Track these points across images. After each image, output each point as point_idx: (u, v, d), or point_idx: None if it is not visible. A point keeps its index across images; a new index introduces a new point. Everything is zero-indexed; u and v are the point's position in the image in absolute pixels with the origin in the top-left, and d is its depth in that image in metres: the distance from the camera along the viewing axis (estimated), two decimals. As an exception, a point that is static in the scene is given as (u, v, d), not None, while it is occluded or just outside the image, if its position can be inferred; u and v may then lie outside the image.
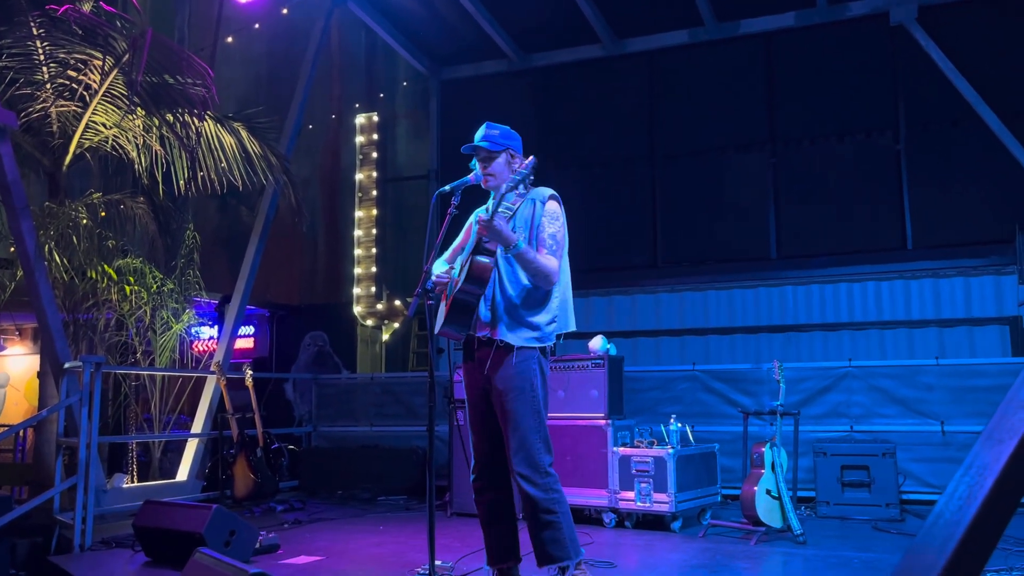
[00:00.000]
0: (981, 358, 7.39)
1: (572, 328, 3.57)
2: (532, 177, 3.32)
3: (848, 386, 6.89)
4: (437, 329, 3.42)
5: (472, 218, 3.68)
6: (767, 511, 5.13)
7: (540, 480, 3.26)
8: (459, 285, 3.32)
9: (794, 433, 6.19)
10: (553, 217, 3.44)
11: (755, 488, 5.14)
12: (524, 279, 3.36)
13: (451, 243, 3.76)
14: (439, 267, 3.59)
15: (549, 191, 3.50)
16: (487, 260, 3.30)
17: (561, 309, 3.50)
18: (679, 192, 9.06)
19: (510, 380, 3.31)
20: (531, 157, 3.30)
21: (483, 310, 3.37)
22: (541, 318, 3.40)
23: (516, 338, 3.33)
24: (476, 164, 3.54)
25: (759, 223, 8.73)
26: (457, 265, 3.53)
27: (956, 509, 0.70)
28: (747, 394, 7.09)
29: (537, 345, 3.37)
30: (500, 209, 3.29)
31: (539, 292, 3.39)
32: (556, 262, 3.37)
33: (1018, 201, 7.69)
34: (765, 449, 5.27)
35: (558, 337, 3.56)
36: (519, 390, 3.31)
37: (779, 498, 5.17)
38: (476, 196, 3.70)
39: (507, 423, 3.32)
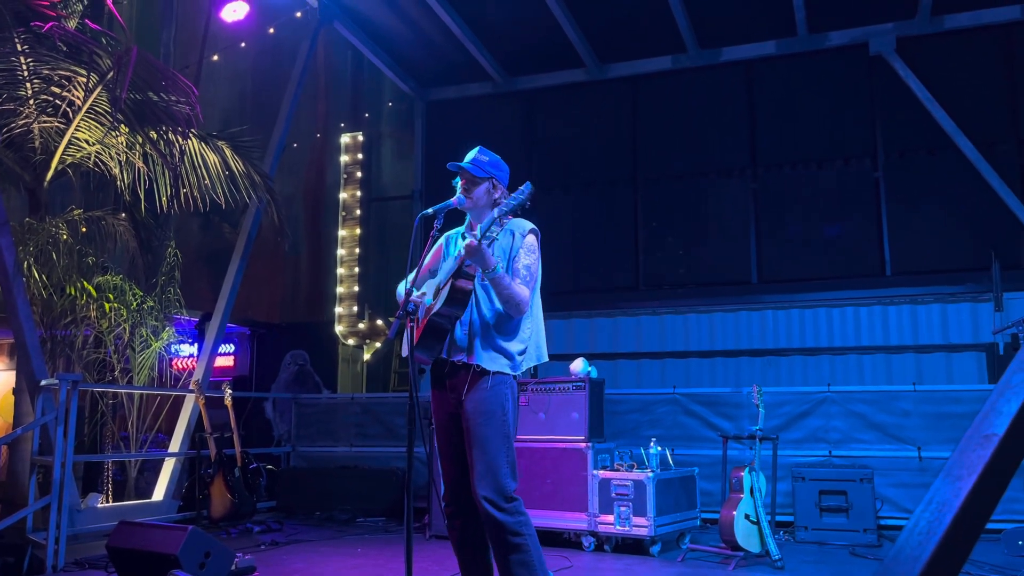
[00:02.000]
0: (958, 384, 7.47)
1: (544, 360, 3.58)
2: (528, 204, 3.32)
3: (827, 411, 6.93)
4: (406, 352, 3.40)
5: (443, 239, 3.69)
6: (746, 536, 5.14)
7: (506, 504, 3.24)
8: (437, 308, 3.32)
9: (773, 458, 6.22)
10: (530, 250, 3.47)
11: (734, 512, 5.16)
12: (498, 303, 3.37)
13: (420, 266, 3.72)
14: (402, 288, 3.59)
15: (529, 225, 3.52)
16: (468, 283, 3.31)
17: (532, 341, 3.51)
18: (661, 215, 9.13)
19: (482, 403, 3.30)
20: (526, 184, 3.30)
21: (459, 333, 3.38)
22: (513, 346, 3.41)
23: (489, 362, 3.34)
24: (458, 184, 3.56)
25: (740, 247, 8.82)
26: (428, 288, 3.53)
27: (916, 544, 0.72)
28: (727, 418, 7.12)
29: (510, 372, 3.39)
30: (487, 235, 3.31)
31: (512, 320, 3.41)
32: (528, 292, 3.39)
33: (994, 229, 7.82)
34: (744, 474, 5.29)
35: (530, 370, 3.56)
36: (490, 414, 3.30)
37: (758, 523, 5.19)
38: (460, 219, 3.71)
39: (475, 446, 3.30)
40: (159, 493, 7.00)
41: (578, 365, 6.16)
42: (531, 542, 3.25)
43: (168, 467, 7.10)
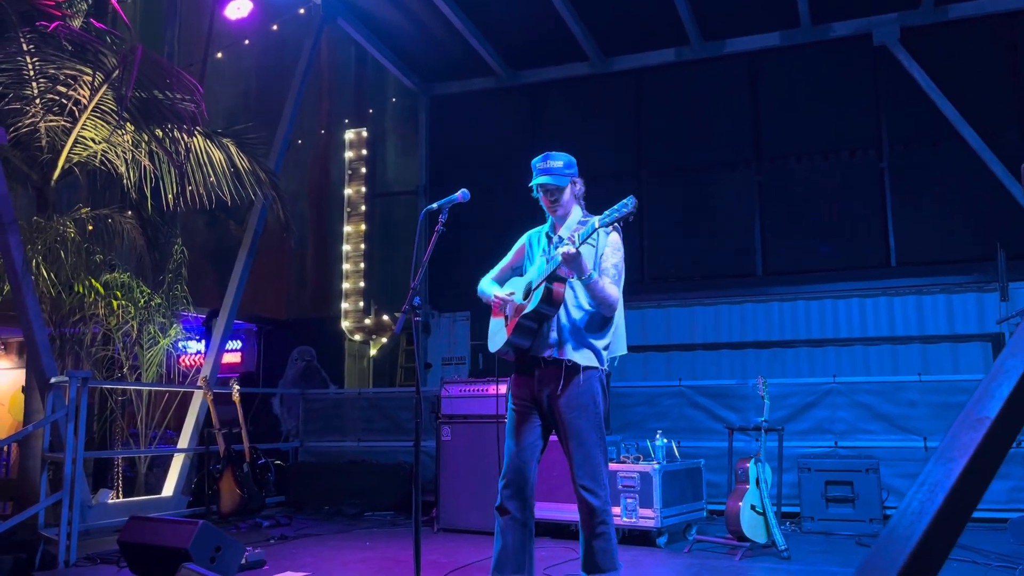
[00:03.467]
0: (964, 374, 7.46)
1: (624, 352, 3.76)
2: (632, 218, 3.36)
3: (832, 402, 6.95)
4: (495, 349, 3.60)
5: (524, 239, 3.81)
6: (752, 526, 5.16)
7: (601, 492, 3.42)
8: (529, 309, 3.44)
9: (778, 449, 6.23)
10: (615, 248, 3.59)
11: (740, 503, 5.18)
12: (587, 304, 3.51)
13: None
14: (491, 287, 3.70)
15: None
16: (562, 286, 3.43)
17: (615, 334, 3.61)
18: (666, 209, 9.14)
19: (576, 398, 3.44)
20: (630, 197, 3.35)
21: (550, 332, 3.49)
22: (600, 342, 3.56)
23: (581, 358, 3.47)
24: (539, 196, 3.60)
25: (745, 240, 8.82)
26: (518, 288, 3.62)
27: (908, 524, 0.74)
28: (733, 410, 7.14)
29: (599, 365, 3.51)
30: (587, 242, 3.37)
31: (599, 317, 3.54)
32: (618, 291, 3.53)
33: (999, 219, 7.80)
34: (750, 465, 5.31)
35: (611, 360, 3.67)
36: (584, 407, 3.44)
37: (764, 513, 5.21)
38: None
39: (571, 439, 3.44)
40: (168, 489, 7.05)
41: (584, 358, 6.17)
42: (613, 532, 3.47)
43: (177, 463, 7.15)
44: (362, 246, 10.86)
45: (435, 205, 3.56)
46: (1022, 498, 6.08)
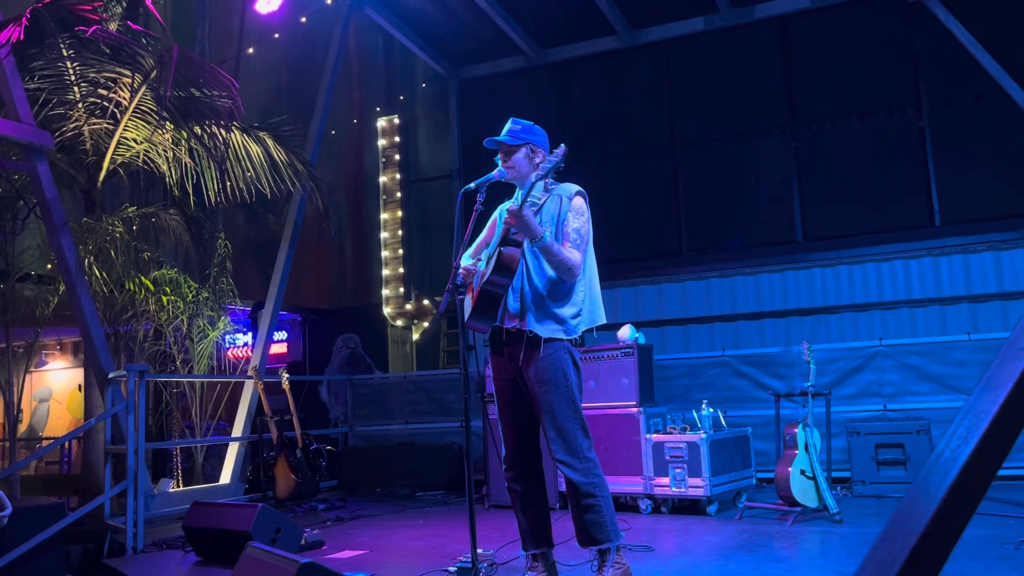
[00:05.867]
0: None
1: (601, 322, 3.62)
2: (563, 166, 3.37)
3: (879, 365, 6.88)
4: (465, 321, 3.50)
5: (496, 213, 3.76)
6: (802, 491, 5.16)
7: (580, 465, 3.35)
8: (487, 276, 3.39)
9: (826, 414, 6.19)
10: (578, 212, 3.51)
11: (789, 469, 5.18)
12: (549, 271, 3.43)
13: (473, 238, 3.83)
14: (465, 261, 3.68)
15: (575, 187, 3.57)
16: (515, 251, 3.37)
17: (588, 303, 3.56)
18: (701, 179, 9.07)
19: (543, 372, 3.38)
20: (560, 146, 3.35)
21: (511, 301, 3.45)
22: (566, 311, 3.46)
23: (544, 330, 3.40)
24: (499, 158, 3.62)
25: (784, 207, 8.73)
26: (484, 258, 3.61)
27: (955, 448, 0.77)
28: (778, 377, 7.11)
29: (564, 337, 3.44)
30: (528, 200, 3.37)
31: (564, 285, 3.46)
32: (579, 256, 3.43)
33: (1046, 172, 7.62)
34: (798, 430, 5.30)
35: (589, 330, 3.62)
36: (552, 381, 3.38)
37: (814, 478, 5.20)
38: (502, 192, 3.77)
39: (544, 414, 3.39)
40: (225, 476, 7.25)
41: (625, 332, 6.20)
42: (605, 503, 3.37)
43: (232, 451, 7.34)
44: (399, 233, 10.97)
45: (472, 185, 3.58)
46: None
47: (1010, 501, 5.29)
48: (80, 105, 6.51)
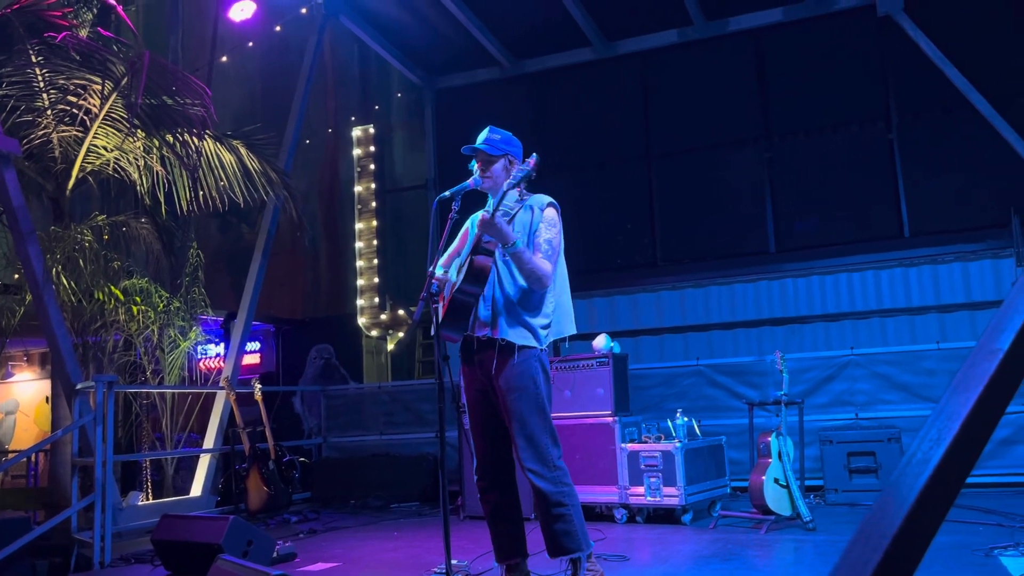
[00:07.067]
0: (982, 341, 7.43)
1: (572, 332, 3.64)
2: (534, 175, 3.38)
3: (851, 374, 6.95)
4: (435, 331, 3.48)
5: (468, 223, 3.75)
6: (776, 499, 5.19)
7: (549, 474, 3.33)
8: (458, 285, 3.38)
9: (799, 422, 6.24)
10: (550, 224, 3.52)
11: (763, 477, 5.21)
12: (521, 280, 3.44)
13: (449, 249, 3.81)
14: (438, 271, 3.67)
15: (548, 199, 3.58)
16: (486, 259, 3.37)
17: (558, 314, 3.58)
18: (676, 190, 9.14)
19: (513, 380, 3.38)
20: (532, 155, 3.36)
21: (483, 309, 3.44)
22: (537, 320, 3.48)
23: (515, 336, 3.40)
24: (475, 166, 3.61)
25: (757, 218, 8.81)
26: (453, 268, 3.60)
27: (927, 450, 0.77)
28: (752, 386, 7.15)
29: (535, 345, 3.44)
30: (500, 208, 3.36)
31: (535, 294, 3.47)
32: (550, 266, 3.44)
33: (1012, 184, 7.75)
34: (771, 438, 5.33)
35: (560, 341, 3.63)
36: (522, 389, 3.37)
37: (787, 486, 5.23)
38: (476, 201, 3.77)
39: (513, 422, 3.38)
40: (196, 489, 7.14)
41: (600, 341, 6.21)
42: (575, 512, 3.36)
43: (204, 463, 7.24)
44: (375, 242, 10.92)
45: (447, 193, 3.57)
46: (1046, 461, 6.07)
47: (980, 508, 5.35)
48: (49, 112, 6.41)
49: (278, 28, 9.95)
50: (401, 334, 10.88)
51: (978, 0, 8.14)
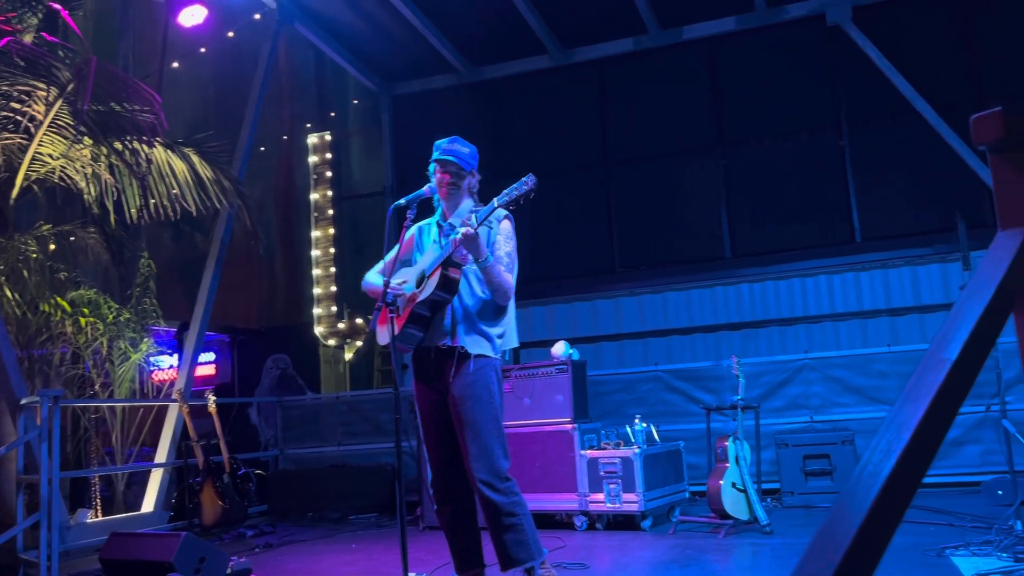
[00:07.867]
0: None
1: (516, 344, 3.66)
2: (533, 195, 3.38)
3: (806, 378, 7.05)
4: (384, 341, 3.44)
5: (413, 230, 3.72)
6: (733, 504, 5.23)
7: (501, 485, 3.33)
8: (424, 296, 3.36)
9: (755, 426, 6.31)
10: (507, 236, 3.54)
11: (721, 482, 5.24)
12: (480, 291, 3.45)
13: (389, 255, 3.73)
14: (375, 278, 3.63)
15: (503, 211, 3.56)
16: (458, 271, 3.38)
17: (509, 324, 3.59)
18: (633, 197, 9.20)
19: (469, 388, 3.37)
20: (529, 175, 3.36)
21: (444, 320, 3.43)
22: (494, 330, 3.50)
23: (473, 345, 3.41)
24: (435, 173, 3.59)
25: (712, 224, 8.91)
26: (410, 277, 3.56)
27: (877, 462, 0.77)
28: (709, 391, 7.22)
29: (492, 354, 3.44)
30: (484, 223, 3.35)
31: (492, 305, 3.48)
32: (512, 279, 3.47)
33: (958, 190, 7.94)
34: (728, 443, 5.37)
35: (505, 355, 3.64)
36: (478, 398, 3.37)
37: (744, 490, 5.28)
38: (432, 208, 3.74)
39: (467, 430, 3.36)
40: (148, 504, 6.98)
41: (559, 348, 6.21)
42: (526, 522, 3.34)
43: (156, 478, 7.07)
44: (332, 250, 10.81)
45: (403, 200, 3.55)
46: (994, 461, 6.21)
47: (932, 508, 5.45)
48: (-9, 119, 6.22)
49: (231, 34, 9.81)
50: (359, 343, 10.78)
51: (923, 12, 8.36)
